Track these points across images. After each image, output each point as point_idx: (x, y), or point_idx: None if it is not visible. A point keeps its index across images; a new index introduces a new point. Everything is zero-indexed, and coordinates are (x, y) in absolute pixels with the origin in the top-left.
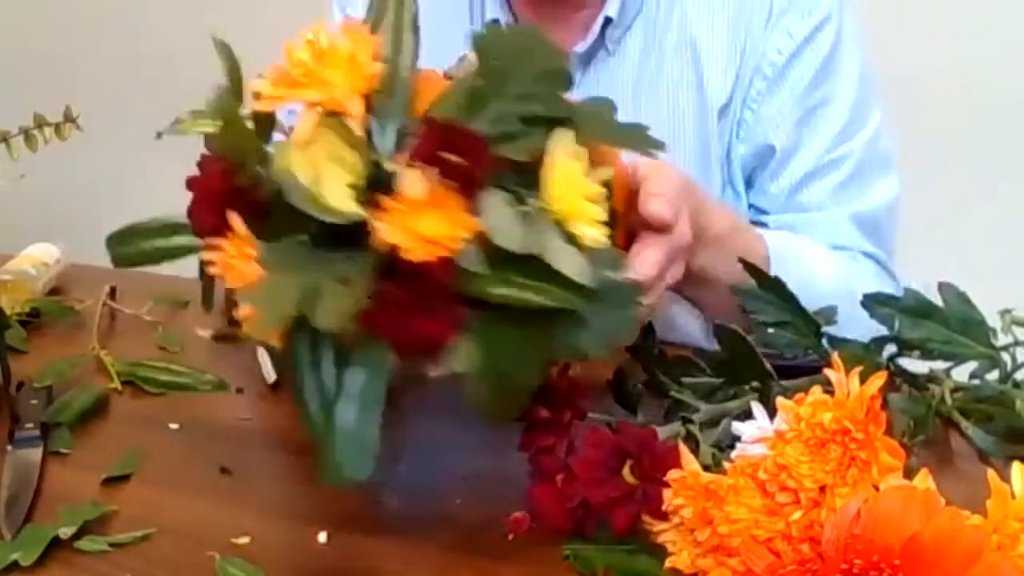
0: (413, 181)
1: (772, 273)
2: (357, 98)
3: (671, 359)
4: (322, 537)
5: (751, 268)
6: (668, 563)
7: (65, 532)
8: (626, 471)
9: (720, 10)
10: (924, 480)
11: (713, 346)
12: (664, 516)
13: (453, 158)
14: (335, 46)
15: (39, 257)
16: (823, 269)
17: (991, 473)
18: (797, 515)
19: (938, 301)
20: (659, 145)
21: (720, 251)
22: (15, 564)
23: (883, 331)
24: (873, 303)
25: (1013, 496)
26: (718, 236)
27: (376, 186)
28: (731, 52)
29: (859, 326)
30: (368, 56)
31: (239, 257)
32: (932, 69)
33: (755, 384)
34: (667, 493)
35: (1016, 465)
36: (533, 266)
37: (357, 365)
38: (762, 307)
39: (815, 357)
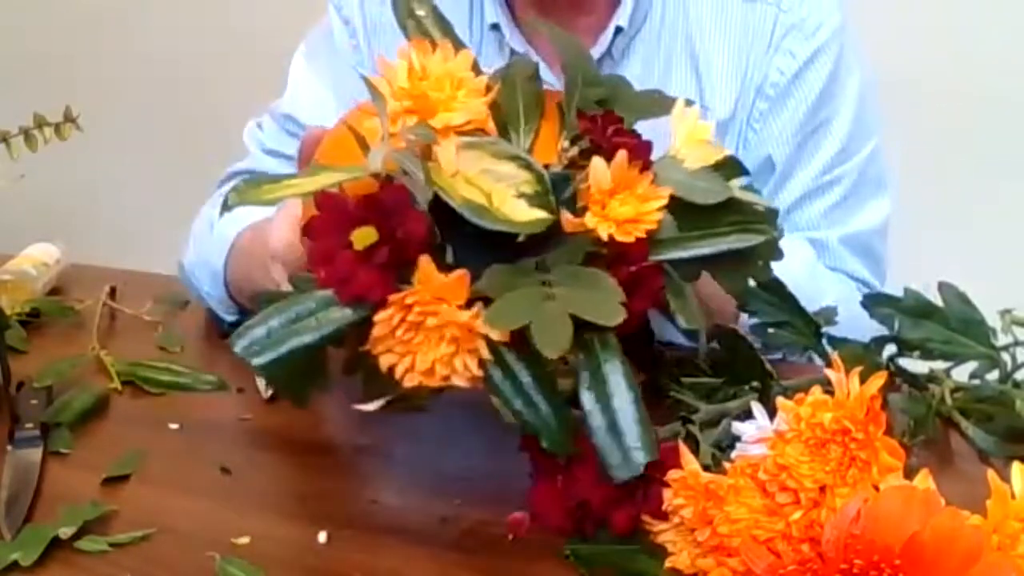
0: (601, 170)
1: None
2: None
3: (671, 359)
4: (322, 537)
5: None
6: (668, 563)
7: (65, 532)
8: None
9: (725, 25)
10: (924, 480)
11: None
12: (664, 516)
13: (619, 139)
14: (434, 71)
15: (39, 257)
16: (797, 267)
17: (991, 473)
18: (797, 515)
19: (938, 301)
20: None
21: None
22: (15, 564)
23: (882, 330)
24: (873, 303)
25: (1013, 496)
26: None
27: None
28: (735, 68)
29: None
30: (469, 71)
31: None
32: (932, 68)
33: (755, 384)
34: (667, 493)
35: (1016, 465)
36: (717, 213)
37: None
38: (761, 307)
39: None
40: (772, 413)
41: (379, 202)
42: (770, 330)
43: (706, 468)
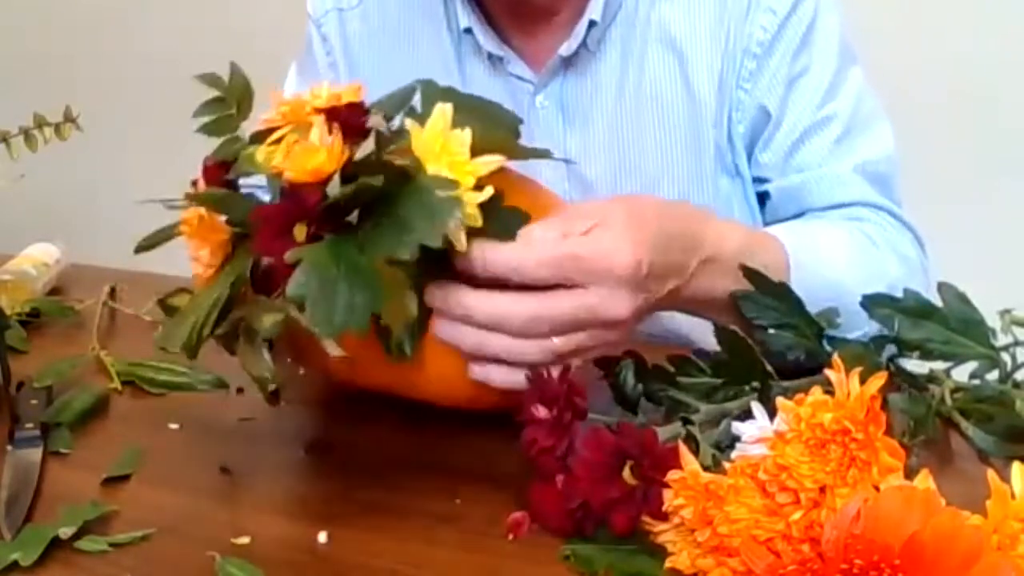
0: (316, 129)
1: (793, 282)
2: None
3: (670, 359)
4: (322, 537)
5: (754, 275)
6: (668, 563)
7: (65, 532)
8: (626, 472)
9: (698, 1)
10: (924, 480)
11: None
12: (664, 517)
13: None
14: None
15: (39, 257)
16: (844, 267)
17: (991, 473)
18: (797, 515)
19: (938, 301)
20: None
21: (725, 276)
22: (15, 564)
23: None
24: (871, 303)
25: (1013, 496)
26: (721, 262)
27: None
28: (715, 40)
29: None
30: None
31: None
32: (932, 68)
33: (755, 384)
34: (667, 494)
35: (1016, 465)
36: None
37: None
38: (763, 312)
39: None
40: (772, 413)
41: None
42: (770, 331)
43: (706, 469)
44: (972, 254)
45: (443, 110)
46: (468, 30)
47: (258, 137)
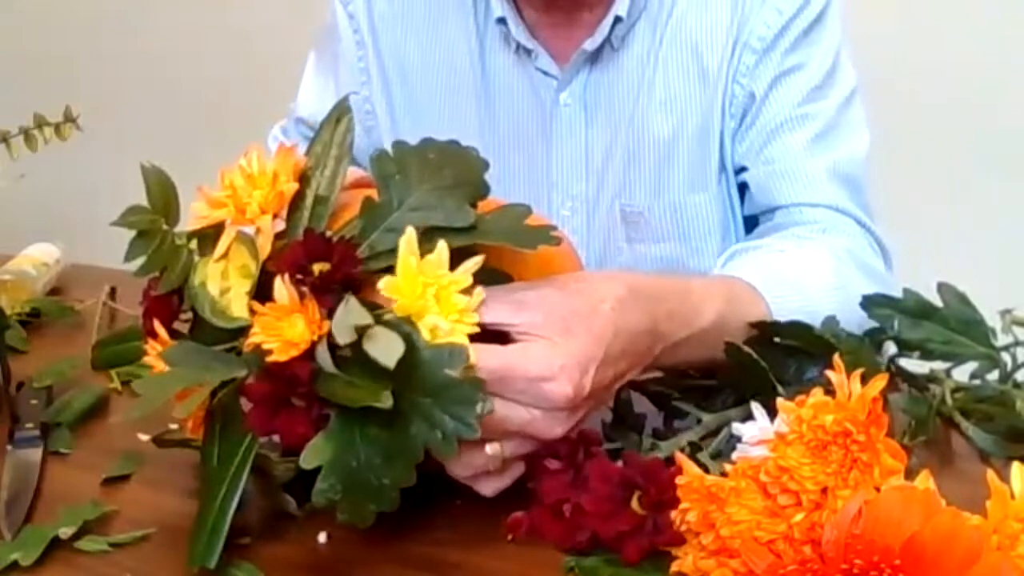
0: (279, 287)
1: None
2: (267, 216)
3: (671, 373)
4: (322, 537)
5: (732, 351)
6: (674, 567)
7: (65, 532)
8: (634, 502)
9: (716, 2)
10: (925, 481)
11: None
12: (682, 540)
13: (318, 266)
14: (263, 169)
15: (39, 257)
16: (819, 298)
17: (991, 473)
18: (799, 517)
19: (938, 302)
20: (557, 241)
21: (702, 348)
22: (15, 564)
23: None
24: (871, 304)
25: (1013, 496)
26: (695, 337)
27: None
28: (728, 35)
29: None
30: (288, 176)
31: (155, 357)
32: (933, 68)
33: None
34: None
35: (1016, 465)
36: (373, 366)
37: (230, 458)
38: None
39: None
40: (773, 415)
41: None
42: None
43: None
44: (972, 254)
45: (408, 239)
46: (501, 19)
47: (196, 237)
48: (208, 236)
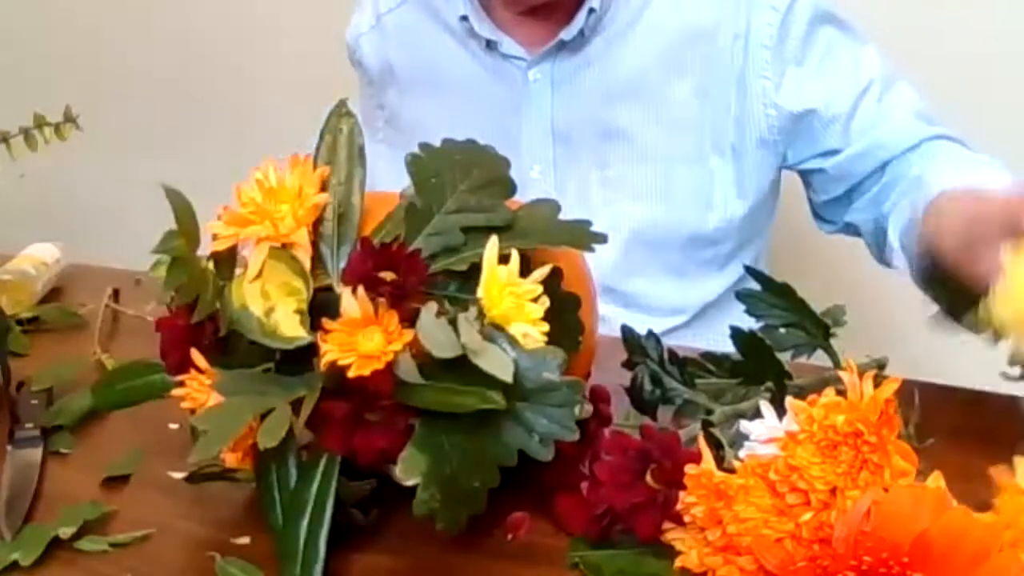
0: (348, 301)
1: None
2: (302, 229)
3: (684, 360)
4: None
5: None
6: (678, 562)
7: (65, 532)
8: (648, 476)
9: None
10: (936, 480)
11: None
12: (682, 520)
13: (386, 275)
14: (282, 182)
15: (39, 257)
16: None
17: (999, 469)
18: (807, 516)
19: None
20: (602, 239)
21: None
22: (15, 564)
23: None
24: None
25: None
26: None
27: (326, 310)
28: (717, 22)
29: None
30: (313, 188)
31: (200, 389)
32: (932, 68)
33: (769, 385)
34: (682, 493)
35: (1018, 460)
36: (465, 371)
37: (310, 480)
38: (769, 310)
39: None
40: (784, 412)
41: None
42: (781, 330)
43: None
44: None
45: (492, 246)
46: (464, 18)
47: (218, 259)
48: (223, 257)
